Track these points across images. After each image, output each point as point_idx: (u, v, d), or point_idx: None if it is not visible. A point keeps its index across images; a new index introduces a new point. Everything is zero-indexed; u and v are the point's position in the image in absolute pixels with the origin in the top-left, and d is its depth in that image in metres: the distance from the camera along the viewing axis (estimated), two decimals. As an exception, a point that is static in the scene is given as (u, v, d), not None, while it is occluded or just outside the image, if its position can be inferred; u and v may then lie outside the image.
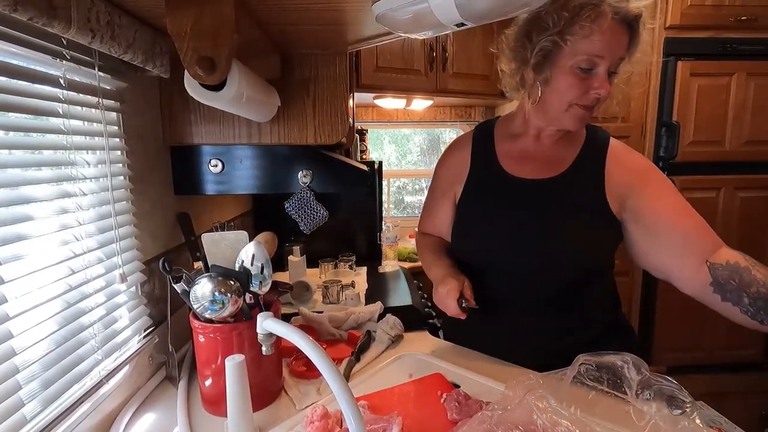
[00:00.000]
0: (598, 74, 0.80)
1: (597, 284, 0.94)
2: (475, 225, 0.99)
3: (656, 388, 0.71)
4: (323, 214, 1.19)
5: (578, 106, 0.84)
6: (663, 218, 0.84)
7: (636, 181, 0.87)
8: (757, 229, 1.97)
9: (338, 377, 0.56)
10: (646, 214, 0.85)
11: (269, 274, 0.82)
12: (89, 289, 0.78)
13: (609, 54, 0.78)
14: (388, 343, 1.09)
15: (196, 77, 0.67)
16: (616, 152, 0.91)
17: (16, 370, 0.60)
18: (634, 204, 0.86)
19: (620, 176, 0.88)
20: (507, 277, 0.96)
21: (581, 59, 0.79)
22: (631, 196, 0.86)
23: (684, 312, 2.01)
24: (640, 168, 0.89)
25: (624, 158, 0.90)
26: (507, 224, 0.94)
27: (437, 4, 0.55)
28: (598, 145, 0.92)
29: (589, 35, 0.77)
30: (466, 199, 1.01)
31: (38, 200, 0.67)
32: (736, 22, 1.83)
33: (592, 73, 0.80)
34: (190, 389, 0.91)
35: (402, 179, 3.64)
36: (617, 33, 0.78)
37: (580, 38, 0.78)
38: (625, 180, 0.87)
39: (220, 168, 1.13)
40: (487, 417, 0.66)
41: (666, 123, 1.92)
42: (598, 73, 0.80)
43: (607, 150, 0.91)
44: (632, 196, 0.86)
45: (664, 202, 0.85)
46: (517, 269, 0.94)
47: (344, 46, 1.02)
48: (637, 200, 0.86)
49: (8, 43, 0.60)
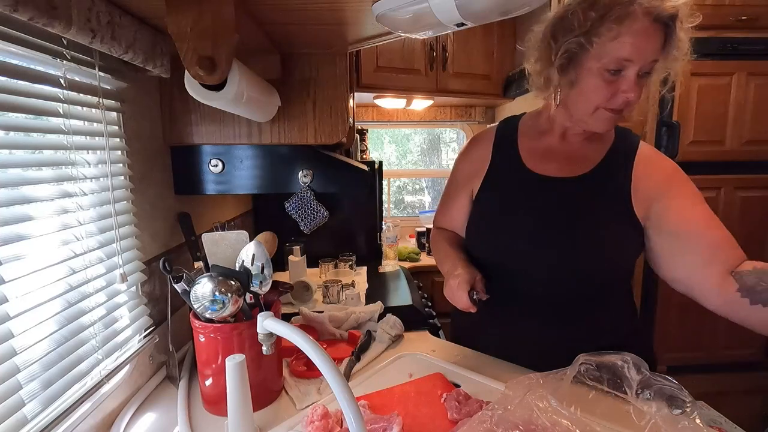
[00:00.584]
0: (627, 77, 0.76)
1: (615, 291, 0.92)
2: (491, 220, 0.96)
3: (656, 388, 0.71)
4: (323, 213, 1.19)
5: (605, 109, 0.80)
6: (691, 227, 0.81)
7: (665, 187, 0.84)
8: (758, 229, 1.97)
9: (338, 377, 0.56)
10: (673, 222, 0.82)
11: (269, 274, 0.82)
12: (90, 288, 0.78)
13: (639, 57, 0.74)
14: (388, 343, 1.09)
15: (196, 77, 0.67)
16: (645, 156, 0.88)
17: (17, 369, 0.60)
18: (661, 210, 0.83)
19: (648, 181, 0.85)
20: (522, 277, 0.92)
21: (608, 62, 0.75)
22: (658, 202, 0.84)
23: (684, 312, 2.02)
24: (669, 174, 0.86)
25: (653, 163, 0.87)
26: (524, 221, 0.91)
27: (437, 3, 0.55)
28: (627, 147, 0.89)
29: (617, 37, 0.73)
30: (483, 193, 0.98)
31: (39, 200, 0.67)
32: (737, 21, 1.83)
33: (620, 75, 0.76)
34: (191, 389, 0.91)
35: (402, 179, 3.64)
36: (649, 34, 0.72)
37: (607, 40, 0.73)
38: (653, 185, 0.84)
39: (220, 168, 1.13)
40: (487, 416, 0.66)
41: (666, 122, 1.92)
42: (627, 76, 0.76)
43: (636, 153, 0.88)
44: (660, 202, 0.83)
45: (693, 212, 0.83)
46: (532, 268, 0.90)
47: (344, 45, 1.02)
48: (665, 207, 0.83)
49: (8, 43, 0.60)
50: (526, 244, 0.90)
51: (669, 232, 0.83)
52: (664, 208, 0.83)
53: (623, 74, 0.76)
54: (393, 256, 2.24)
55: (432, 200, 3.80)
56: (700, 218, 0.82)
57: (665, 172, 0.87)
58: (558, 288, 0.90)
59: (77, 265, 0.75)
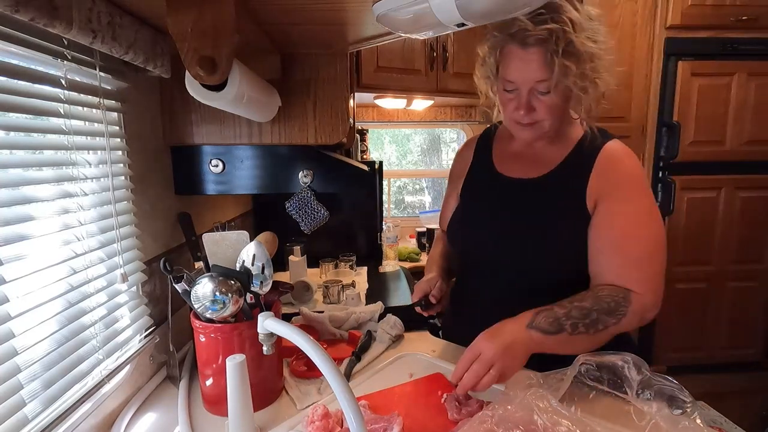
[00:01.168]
0: (518, 96, 0.84)
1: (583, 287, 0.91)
2: (464, 220, 1.02)
3: (657, 388, 0.71)
4: (324, 214, 1.19)
5: (515, 122, 0.88)
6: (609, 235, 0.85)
7: (610, 187, 0.86)
8: (758, 229, 1.97)
9: (339, 377, 0.56)
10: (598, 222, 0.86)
11: (270, 274, 0.82)
12: (90, 288, 0.78)
13: (519, 79, 0.81)
14: (388, 343, 1.09)
15: (196, 77, 0.67)
16: (606, 156, 0.88)
17: (18, 369, 0.60)
18: (600, 209, 0.86)
19: (601, 179, 0.87)
20: (491, 275, 0.98)
21: (502, 82, 0.85)
22: (602, 201, 0.86)
23: (685, 312, 2.02)
24: (619, 175, 0.87)
25: (612, 163, 0.88)
26: (490, 221, 0.97)
27: (438, 4, 0.55)
28: (591, 148, 0.90)
29: (503, 62, 0.83)
30: (463, 194, 1.05)
31: (39, 200, 0.68)
32: (737, 21, 1.83)
33: (516, 93, 0.84)
34: (191, 389, 0.91)
35: (402, 179, 3.64)
36: (527, 60, 0.79)
37: (501, 64, 0.84)
38: (603, 184, 0.87)
39: (220, 168, 1.13)
40: (487, 417, 0.66)
41: (667, 123, 1.92)
42: (518, 95, 0.84)
43: (598, 154, 0.89)
44: (603, 201, 0.86)
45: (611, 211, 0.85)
46: (499, 266, 0.96)
47: (345, 46, 1.02)
48: (601, 206, 0.86)
49: (9, 44, 0.60)
50: (489, 241, 0.97)
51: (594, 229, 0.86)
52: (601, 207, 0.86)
53: (517, 93, 0.84)
54: (393, 256, 2.24)
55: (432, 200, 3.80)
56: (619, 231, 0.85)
57: (618, 173, 0.88)
58: (523, 283, 0.93)
59: (78, 265, 0.75)
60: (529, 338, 0.77)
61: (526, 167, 0.95)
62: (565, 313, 0.79)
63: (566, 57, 0.76)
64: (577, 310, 0.79)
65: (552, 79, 0.78)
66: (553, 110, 0.84)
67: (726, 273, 2.00)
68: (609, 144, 0.90)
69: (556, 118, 0.86)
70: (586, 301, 0.80)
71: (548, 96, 0.82)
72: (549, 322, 0.78)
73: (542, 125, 0.86)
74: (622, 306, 0.81)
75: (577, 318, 0.78)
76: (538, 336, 0.77)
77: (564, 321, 0.78)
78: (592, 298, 0.81)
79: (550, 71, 0.77)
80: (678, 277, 1.99)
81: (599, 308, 0.80)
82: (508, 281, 0.95)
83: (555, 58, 0.76)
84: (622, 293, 0.82)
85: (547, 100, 0.82)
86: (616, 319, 0.80)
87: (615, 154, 0.89)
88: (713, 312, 2.03)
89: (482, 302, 0.99)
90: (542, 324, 0.78)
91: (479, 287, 1.01)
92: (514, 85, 0.83)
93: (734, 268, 1.99)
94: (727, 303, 2.02)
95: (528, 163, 0.95)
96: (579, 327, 0.78)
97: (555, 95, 0.81)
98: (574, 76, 0.78)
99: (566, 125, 0.93)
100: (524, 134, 0.90)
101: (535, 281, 0.92)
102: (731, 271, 2.00)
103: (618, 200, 0.86)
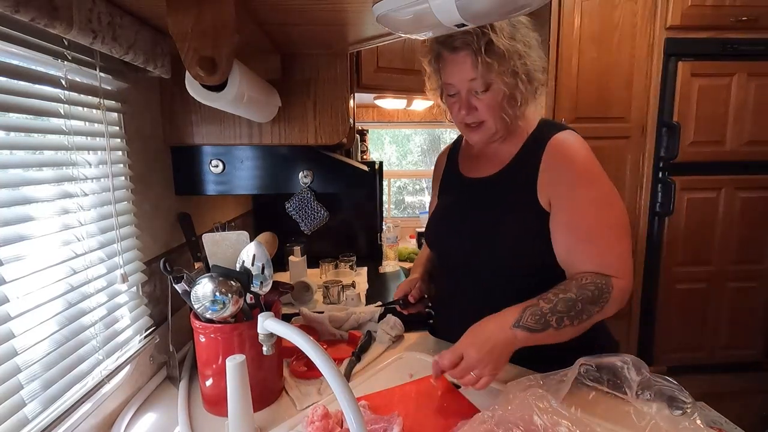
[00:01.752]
0: (459, 97, 0.90)
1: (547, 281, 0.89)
2: (434, 221, 1.08)
3: (657, 389, 0.71)
4: (324, 214, 1.19)
5: (462, 124, 0.94)
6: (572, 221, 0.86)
7: (564, 179, 0.87)
8: (758, 230, 1.97)
9: (339, 377, 0.56)
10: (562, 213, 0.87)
11: (270, 275, 0.82)
12: (90, 289, 0.78)
13: (454, 80, 0.88)
14: (388, 344, 1.09)
15: (197, 78, 0.67)
16: (553, 148, 0.89)
17: (18, 369, 0.60)
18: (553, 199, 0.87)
19: (551, 173, 0.88)
20: (461, 275, 1.00)
21: (443, 87, 0.93)
22: (557, 196, 0.87)
23: (684, 312, 2.02)
24: (570, 166, 0.88)
25: (560, 155, 0.88)
26: (453, 220, 1.02)
27: (438, 4, 0.55)
28: (539, 141, 0.91)
29: (439, 68, 0.91)
30: (437, 196, 1.12)
31: (40, 200, 0.68)
32: (737, 22, 1.83)
33: (457, 97, 0.90)
34: (191, 389, 0.91)
35: (402, 179, 3.64)
36: (456, 62, 0.86)
37: (441, 69, 0.90)
38: (554, 177, 0.87)
39: (220, 168, 1.13)
40: (488, 417, 0.66)
41: (667, 123, 1.92)
42: (459, 97, 0.90)
43: (545, 145, 0.90)
44: (558, 195, 0.87)
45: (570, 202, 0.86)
46: (463, 264, 0.99)
47: (345, 46, 1.02)
48: (554, 195, 0.87)
49: (9, 44, 0.60)
50: (454, 240, 1.00)
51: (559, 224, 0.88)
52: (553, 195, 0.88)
53: (458, 96, 0.90)
54: (393, 256, 2.24)
55: (432, 201, 3.76)
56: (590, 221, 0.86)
57: (569, 164, 0.88)
58: (487, 281, 0.95)
59: (78, 265, 0.75)
60: (512, 337, 0.78)
61: (483, 166, 0.99)
62: (550, 308, 0.79)
63: (488, 55, 0.83)
64: (562, 302, 0.79)
65: (479, 77, 0.85)
66: (492, 109, 0.88)
67: (726, 273, 2.00)
68: (556, 136, 0.90)
69: (498, 118, 0.89)
70: (571, 292, 0.81)
71: (486, 94, 0.87)
72: (535, 320, 0.78)
73: (487, 126, 0.91)
74: (605, 293, 0.82)
75: (563, 311, 0.79)
76: (522, 335, 0.78)
77: (550, 317, 0.79)
78: (577, 287, 0.81)
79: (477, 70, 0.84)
80: (678, 278, 1.99)
81: (583, 297, 0.80)
82: (474, 279, 0.98)
83: (478, 57, 0.83)
84: (604, 280, 0.82)
85: (485, 98, 0.88)
86: (600, 307, 0.81)
87: (562, 145, 0.89)
88: (713, 312, 2.03)
89: (457, 302, 1.03)
90: (528, 323, 0.78)
91: (452, 287, 1.04)
92: (454, 89, 0.90)
93: (734, 268, 1.99)
94: (727, 303, 2.02)
95: (486, 163, 0.99)
96: (564, 321, 0.79)
97: (492, 93, 0.87)
98: (501, 73, 0.84)
99: (518, 124, 0.94)
100: (473, 136, 0.95)
101: (496, 278, 0.94)
102: (731, 271, 1.99)
103: (577, 190, 0.86)
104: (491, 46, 0.82)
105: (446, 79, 0.90)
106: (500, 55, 0.83)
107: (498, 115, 0.89)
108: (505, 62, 0.84)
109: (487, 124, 0.90)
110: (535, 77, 0.88)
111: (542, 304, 0.80)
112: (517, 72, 0.85)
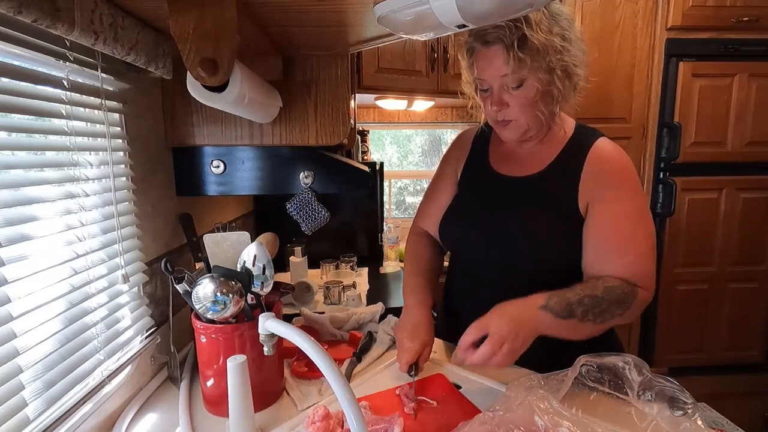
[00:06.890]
0: (491, 93, 0.87)
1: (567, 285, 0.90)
2: (453, 213, 1.04)
3: (658, 390, 0.71)
4: (325, 214, 1.19)
5: (494, 121, 0.91)
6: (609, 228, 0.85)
7: (605, 187, 0.87)
8: (759, 230, 1.97)
9: (340, 378, 0.56)
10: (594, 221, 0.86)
11: (271, 275, 0.82)
12: (92, 289, 0.78)
13: (486, 75, 0.86)
14: (389, 344, 1.09)
15: (198, 79, 0.67)
16: (597, 153, 0.89)
17: (20, 370, 0.60)
18: (592, 205, 0.87)
19: (593, 177, 0.88)
20: (478, 269, 0.99)
21: (477, 81, 0.89)
22: (596, 202, 0.87)
23: (686, 313, 2.01)
24: (613, 175, 0.88)
25: (604, 160, 0.89)
26: (482, 217, 0.98)
27: (438, 5, 0.55)
28: (581, 145, 0.91)
29: (472, 64, 0.88)
30: (459, 190, 1.06)
31: (41, 201, 0.68)
32: (738, 23, 1.83)
33: (490, 92, 0.88)
34: (192, 390, 0.91)
35: (403, 180, 3.63)
36: (489, 57, 0.83)
37: (473, 66, 0.88)
38: (596, 185, 0.87)
39: (221, 169, 1.13)
40: (488, 418, 0.66)
41: (668, 124, 1.92)
42: (491, 93, 0.87)
43: (588, 151, 0.90)
44: (598, 202, 0.87)
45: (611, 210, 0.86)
46: (485, 260, 0.97)
47: (346, 47, 1.02)
48: (594, 201, 0.87)
49: (12, 45, 0.60)
50: (477, 237, 0.97)
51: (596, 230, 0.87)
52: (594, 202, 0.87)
53: (491, 91, 0.87)
54: (394, 257, 2.24)
55: (433, 201, 3.75)
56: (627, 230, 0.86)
57: (609, 168, 0.88)
58: (511, 281, 0.92)
59: (79, 265, 0.75)
60: (538, 320, 0.77)
61: (519, 166, 0.97)
62: (578, 299, 0.79)
63: (521, 50, 0.79)
64: (589, 298, 0.80)
65: (511, 73, 0.82)
66: (525, 106, 0.85)
67: (727, 274, 1.99)
68: (598, 142, 0.90)
69: (531, 115, 0.87)
70: (598, 290, 0.81)
71: (519, 91, 0.84)
72: (562, 307, 0.78)
73: (519, 123, 0.88)
74: (629, 299, 0.82)
75: (589, 306, 0.79)
76: (548, 319, 0.77)
77: (576, 308, 0.78)
78: (603, 287, 0.81)
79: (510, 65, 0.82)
80: (679, 279, 1.98)
81: (610, 298, 0.80)
82: (493, 279, 0.96)
83: (510, 52, 0.80)
84: (631, 287, 0.83)
85: (518, 94, 0.85)
86: (622, 311, 0.81)
87: (605, 153, 0.89)
88: (714, 313, 2.02)
89: (473, 301, 0.99)
90: (555, 307, 0.78)
91: (467, 285, 1.02)
92: (486, 84, 0.87)
93: (735, 269, 1.99)
94: (728, 304, 2.01)
95: (521, 162, 0.97)
96: (588, 315, 0.79)
97: (525, 89, 0.84)
98: (535, 69, 0.81)
99: (555, 122, 0.93)
100: (505, 134, 0.92)
101: (518, 278, 0.92)
102: (732, 272, 1.99)
103: (616, 200, 0.86)
104: (525, 40, 0.79)
105: (478, 74, 0.87)
106: (534, 50, 0.79)
107: (531, 113, 0.86)
108: (540, 58, 0.80)
109: (518, 122, 0.88)
110: (574, 72, 0.85)
111: (569, 294, 0.80)
112: (553, 68, 0.82)
